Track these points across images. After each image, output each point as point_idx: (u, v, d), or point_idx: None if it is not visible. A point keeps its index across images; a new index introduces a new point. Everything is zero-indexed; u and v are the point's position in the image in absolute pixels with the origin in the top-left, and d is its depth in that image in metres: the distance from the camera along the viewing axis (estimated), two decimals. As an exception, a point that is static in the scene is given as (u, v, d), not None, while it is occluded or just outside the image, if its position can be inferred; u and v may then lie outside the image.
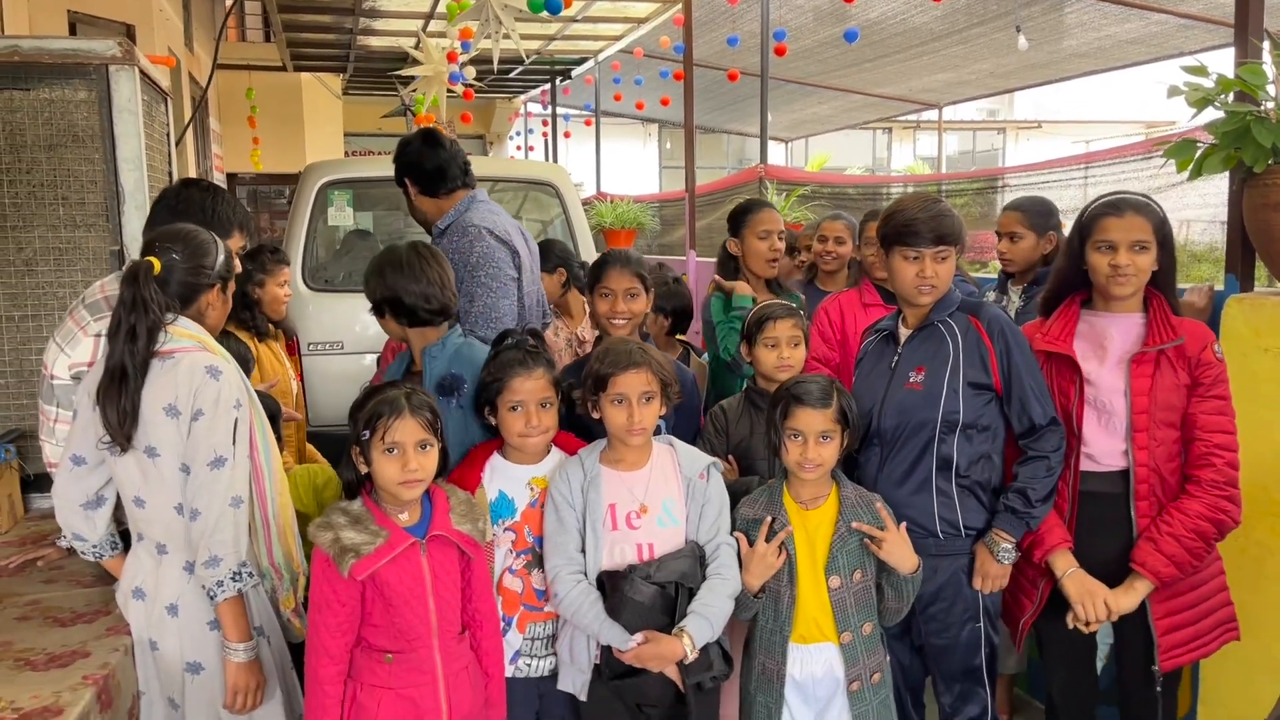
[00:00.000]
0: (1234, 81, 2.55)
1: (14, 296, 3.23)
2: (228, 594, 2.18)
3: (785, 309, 2.84)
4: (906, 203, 2.60)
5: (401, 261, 2.67)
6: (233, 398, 2.21)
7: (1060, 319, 2.56)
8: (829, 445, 2.41)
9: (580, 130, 15.67)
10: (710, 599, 2.33)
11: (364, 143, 16.35)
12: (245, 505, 2.23)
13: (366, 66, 11.75)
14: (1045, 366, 2.54)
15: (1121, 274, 2.42)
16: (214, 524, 2.17)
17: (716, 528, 2.41)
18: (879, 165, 24.00)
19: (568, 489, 2.39)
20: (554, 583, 2.35)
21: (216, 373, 2.20)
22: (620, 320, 2.94)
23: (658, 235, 10.72)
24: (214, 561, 2.16)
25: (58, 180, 3.22)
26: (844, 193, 8.65)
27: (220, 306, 2.41)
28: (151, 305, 2.17)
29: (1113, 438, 2.45)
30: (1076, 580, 2.44)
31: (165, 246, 2.28)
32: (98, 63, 3.15)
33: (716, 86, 12.26)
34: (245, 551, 2.22)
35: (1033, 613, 2.57)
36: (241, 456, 2.23)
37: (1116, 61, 11.82)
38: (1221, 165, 2.59)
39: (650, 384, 2.38)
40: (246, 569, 2.21)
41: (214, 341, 2.30)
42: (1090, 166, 6.58)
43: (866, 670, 2.43)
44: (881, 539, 2.40)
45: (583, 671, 2.39)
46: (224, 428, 2.19)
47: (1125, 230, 2.42)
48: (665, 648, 2.27)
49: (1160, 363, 2.41)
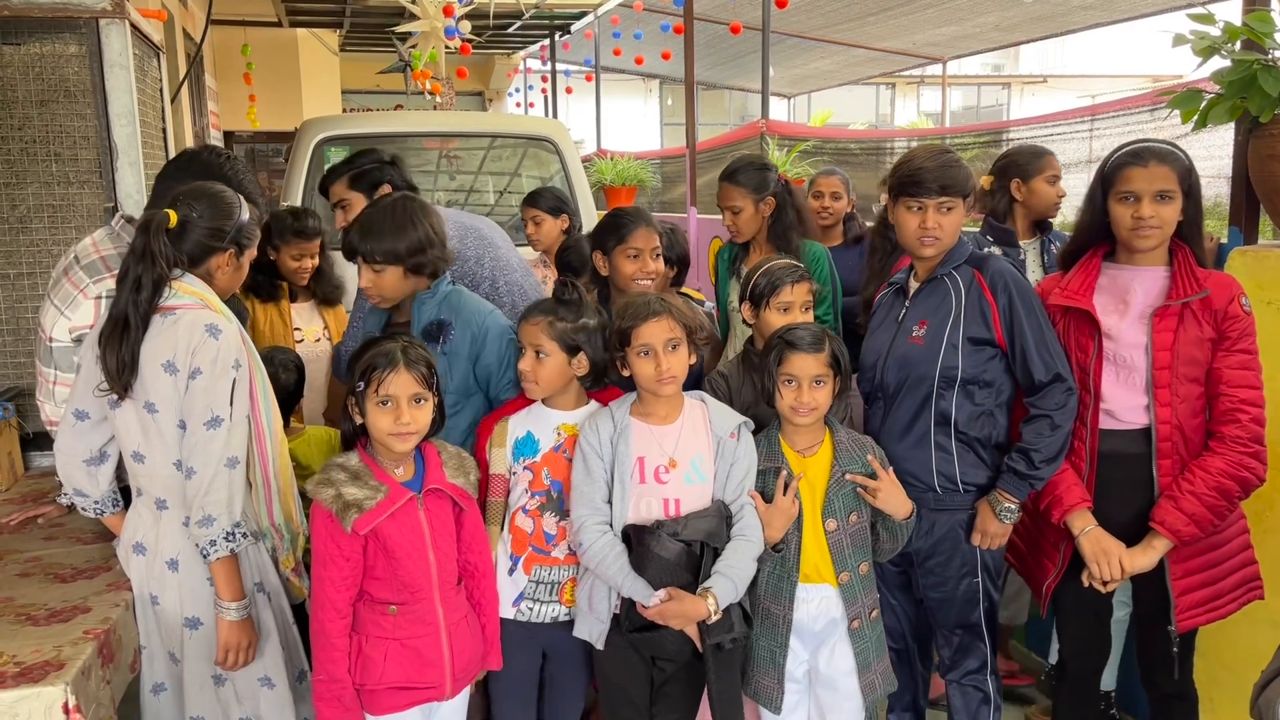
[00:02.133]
0: (1241, 29, 2.51)
1: (9, 254, 3.21)
2: (220, 554, 2.18)
3: (798, 272, 2.74)
4: (915, 153, 2.56)
5: (395, 211, 2.63)
6: (231, 358, 2.20)
7: (1080, 272, 2.50)
8: (822, 390, 2.42)
9: (581, 86, 15.52)
10: (735, 560, 2.33)
11: (362, 100, 16.18)
12: (241, 466, 2.23)
13: (363, 22, 11.59)
14: (1063, 321, 2.50)
15: (1145, 226, 2.35)
16: (208, 483, 2.16)
17: (742, 487, 2.41)
18: (882, 121, 23.77)
19: (596, 440, 2.38)
20: (579, 531, 2.35)
21: (216, 331, 2.18)
22: (646, 280, 2.90)
23: (659, 192, 10.66)
24: (208, 521, 2.17)
25: (50, 136, 3.19)
26: (846, 148, 8.59)
27: (232, 272, 2.38)
28: (159, 258, 2.16)
29: (1133, 394, 2.39)
30: (1092, 538, 2.41)
31: (188, 202, 2.27)
32: (88, 16, 3.11)
33: (718, 41, 12.11)
34: (240, 512, 2.22)
35: (1055, 575, 2.54)
36: (239, 417, 2.22)
37: (1123, 13, 11.63)
38: (1227, 115, 2.55)
39: (674, 331, 2.36)
40: (240, 529, 2.22)
41: (217, 300, 2.28)
42: (1096, 119, 6.51)
43: (865, 608, 2.47)
44: (875, 488, 2.42)
45: (601, 621, 2.40)
46: (222, 387, 2.18)
47: (1149, 180, 2.35)
48: (689, 606, 2.27)
49: (1184, 316, 2.34)
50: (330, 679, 2.18)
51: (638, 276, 2.90)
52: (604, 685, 2.50)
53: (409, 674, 2.22)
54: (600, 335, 2.48)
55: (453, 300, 2.68)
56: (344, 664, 2.19)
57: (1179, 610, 2.40)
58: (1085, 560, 2.42)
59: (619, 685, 2.46)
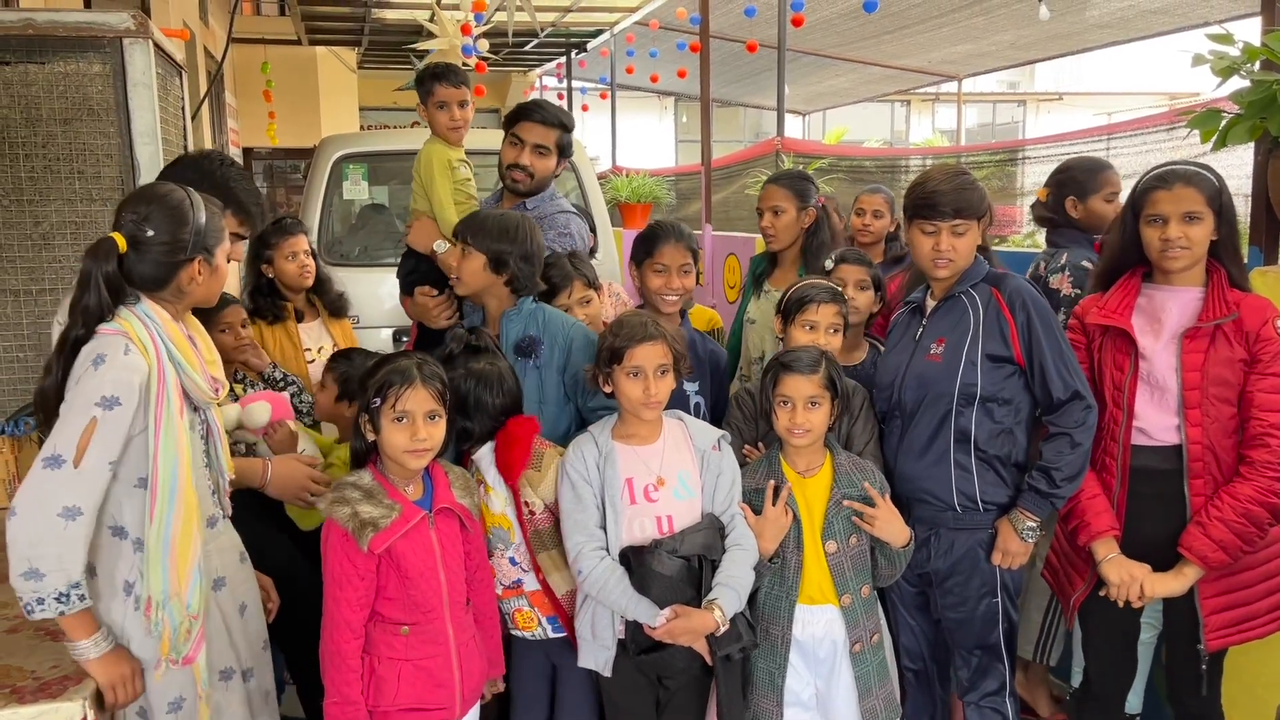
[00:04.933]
0: (1261, 49, 2.51)
1: (31, 270, 3.24)
2: (46, 614, 1.87)
3: (829, 292, 2.73)
4: (931, 174, 2.57)
5: (514, 225, 2.74)
6: (99, 394, 1.89)
7: (1120, 291, 2.51)
8: (817, 411, 2.43)
9: (596, 104, 15.58)
10: (734, 570, 2.34)
11: (379, 117, 16.30)
12: (86, 520, 1.89)
13: (381, 40, 11.69)
14: (1100, 340, 2.51)
15: (1173, 247, 2.37)
16: (35, 532, 1.85)
17: (730, 498, 2.42)
18: (897, 138, 23.76)
19: (583, 466, 2.38)
20: (577, 560, 2.34)
21: (99, 361, 1.91)
22: (673, 296, 2.90)
23: (673, 209, 10.68)
24: (34, 574, 1.85)
25: (73, 154, 3.22)
26: (861, 165, 8.59)
27: (209, 277, 2.12)
28: (102, 289, 1.96)
29: (1165, 413, 2.40)
30: (1116, 565, 2.41)
31: (135, 218, 2.01)
32: (112, 36, 3.14)
33: (733, 59, 12.15)
34: (80, 572, 1.89)
35: (1084, 589, 2.54)
36: (96, 463, 1.89)
37: (1139, 32, 11.62)
38: (1247, 135, 2.54)
39: (666, 357, 2.38)
40: (79, 591, 1.89)
41: (141, 331, 1.99)
42: (1112, 138, 6.51)
43: (866, 631, 2.47)
44: (871, 516, 2.42)
45: (606, 648, 2.39)
46: (73, 423, 1.88)
47: (1175, 202, 2.37)
48: (696, 621, 2.27)
49: (1215, 337, 2.35)
50: (345, 701, 2.16)
51: (663, 292, 2.90)
52: (611, 709, 2.49)
53: (421, 695, 2.21)
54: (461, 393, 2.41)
55: (538, 316, 2.75)
56: (358, 686, 2.17)
57: (1208, 630, 2.38)
58: (1109, 586, 2.42)
59: (626, 709, 2.46)
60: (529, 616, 2.50)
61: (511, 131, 3.32)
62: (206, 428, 2.17)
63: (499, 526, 2.47)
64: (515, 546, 2.47)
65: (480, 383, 2.44)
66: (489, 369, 2.47)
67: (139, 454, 1.97)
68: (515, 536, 2.46)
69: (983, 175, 7.40)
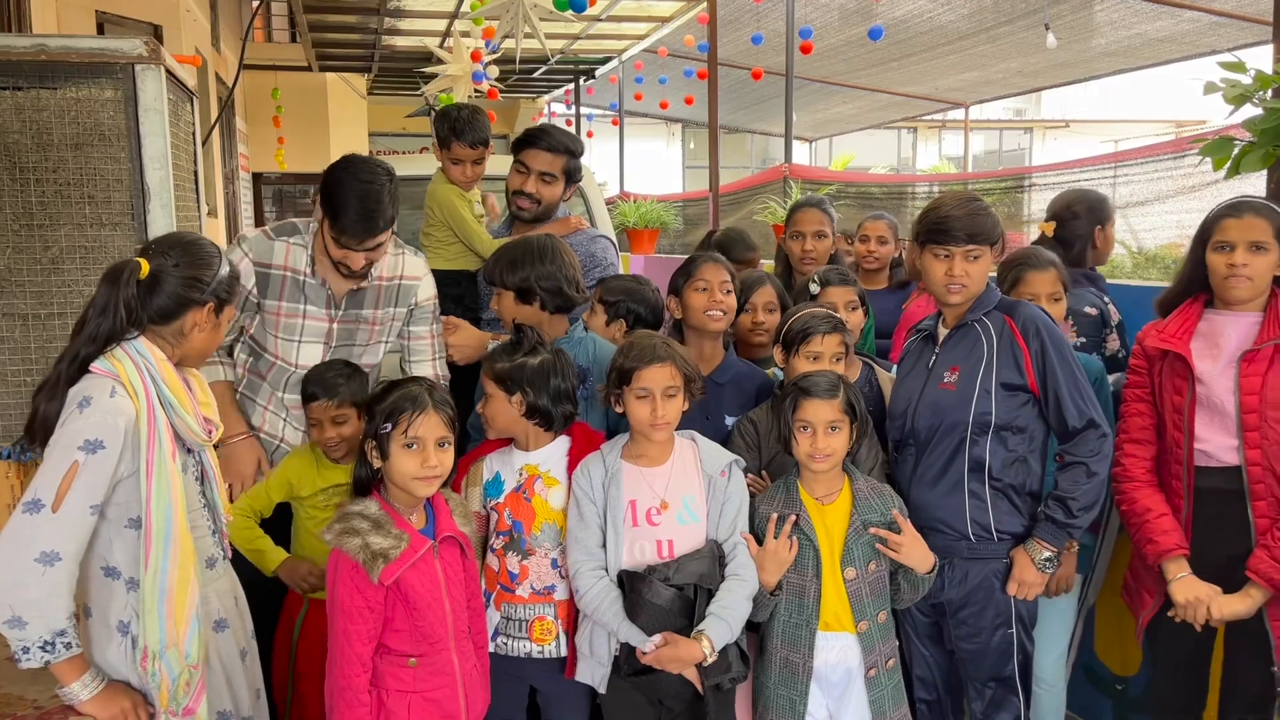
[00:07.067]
0: (1273, 77, 2.51)
1: (40, 294, 3.24)
2: (33, 663, 1.86)
3: (830, 321, 2.67)
4: (943, 200, 2.57)
5: (523, 251, 2.77)
6: (83, 437, 1.88)
7: (1179, 317, 2.54)
8: (838, 436, 2.41)
9: (604, 130, 15.67)
10: (729, 601, 2.32)
11: (388, 142, 16.39)
12: (66, 565, 1.87)
13: (391, 66, 11.78)
14: (1159, 364, 2.53)
15: (1237, 274, 2.40)
16: (12, 577, 1.84)
17: (735, 526, 2.41)
18: (904, 165, 23.84)
19: (589, 484, 2.39)
20: (575, 578, 2.36)
21: (85, 404, 1.90)
22: (718, 312, 2.83)
23: (680, 235, 10.69)
24: (18, 623, 1.84)
25: (84, 179, 3.23)
26: (868, 192, 8.59)
27: (210, 330, 2.12)
28: (120, 311, 1.96)
29: (1225, 435, 2.42)
30: (1184, 585, 2.42)
31: (161, 251, 2.05)
32: (124, 62, 3.16)
33: (741, 86, 12.23)
34: (64, 620, 1.87)
35: (1153, 608, 2.54)
36: (76, 508, 1.87)
37: (1147, 60, 11.68)
38: (1260, 163, 2.55)
39: (675, 379, 2.37)
40: (65, 639, 1.88)
41: (134, 373, 1.97)
42: (1119, 165, 6.51)
43: (882, 657, 2.45)
44: (897, 543, 2.40)
45: (602, 665, 2.40)
46: (53, 468, 1.87)
47: (1243, 230, 2.41)
48: (684, 650, 2.26)
49: (1274, 360, 2.38)
50: None
51: (709, 308, 2.81)
52: None
53: (430, 727, 2.18)
54: (543, 375, 2.47)
55: (587, 346, 2.81)
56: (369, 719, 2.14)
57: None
58: (1177, 607, 2.42)
59: None
60: (548, 627, 2.47)
61: (518, 159, 3.34)
62: (201, 469, 2.17)
63: (551, 523, 2.46)
64: (562, 550, 2.46)
65: (558, 370, 2.49)
66: (562, 359, 2.54)
67: (130, 495, 1.96)
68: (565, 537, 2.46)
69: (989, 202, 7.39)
